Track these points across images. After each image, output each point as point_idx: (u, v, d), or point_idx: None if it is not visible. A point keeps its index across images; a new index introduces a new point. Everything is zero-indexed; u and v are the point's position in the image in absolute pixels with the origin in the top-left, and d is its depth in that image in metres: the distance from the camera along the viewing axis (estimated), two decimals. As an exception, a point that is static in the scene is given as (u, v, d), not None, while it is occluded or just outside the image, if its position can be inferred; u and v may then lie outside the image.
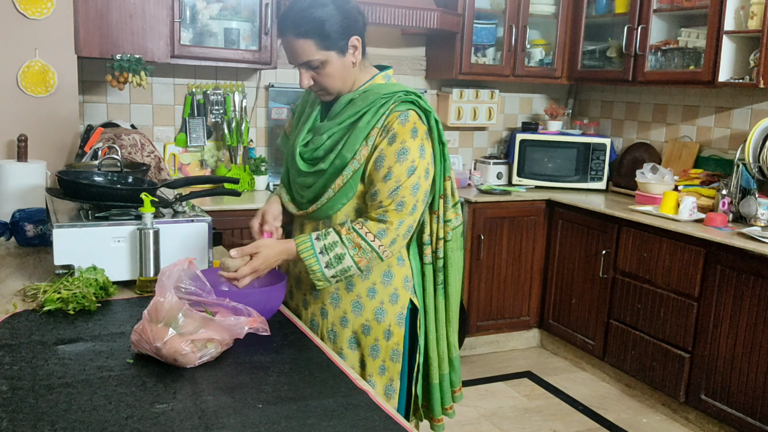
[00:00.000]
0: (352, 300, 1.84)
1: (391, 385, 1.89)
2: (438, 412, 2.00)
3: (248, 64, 3.56)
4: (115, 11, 3.15)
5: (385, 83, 1.81)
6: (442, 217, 1.88)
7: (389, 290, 1.85)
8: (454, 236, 1.91)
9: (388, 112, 1.73)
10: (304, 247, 1.70)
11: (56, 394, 1.27)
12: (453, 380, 2.04)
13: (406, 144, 1.71)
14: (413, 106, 1.76)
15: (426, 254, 1.89)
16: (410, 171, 1.72)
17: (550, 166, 4.31)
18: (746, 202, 3.29)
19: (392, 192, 1.71)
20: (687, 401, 3.30)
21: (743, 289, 3.00)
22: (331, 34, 1.69)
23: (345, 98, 1.78)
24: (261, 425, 1.20)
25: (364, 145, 1.73)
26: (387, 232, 1.72)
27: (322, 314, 1.87)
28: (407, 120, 1.73)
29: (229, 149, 3.84)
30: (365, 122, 1.73)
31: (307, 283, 1.87)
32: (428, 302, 1.93)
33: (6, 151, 2.99)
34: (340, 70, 1.74)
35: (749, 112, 3.69)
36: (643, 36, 3.83)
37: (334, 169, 1.75)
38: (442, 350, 1.98)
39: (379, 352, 1.86)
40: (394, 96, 1.74)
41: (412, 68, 4.33)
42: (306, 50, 1.69)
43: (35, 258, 2.15)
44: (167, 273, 1.45)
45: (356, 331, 1.86)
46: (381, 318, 1.85)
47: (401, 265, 1.87)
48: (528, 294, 4.17)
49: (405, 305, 1.88)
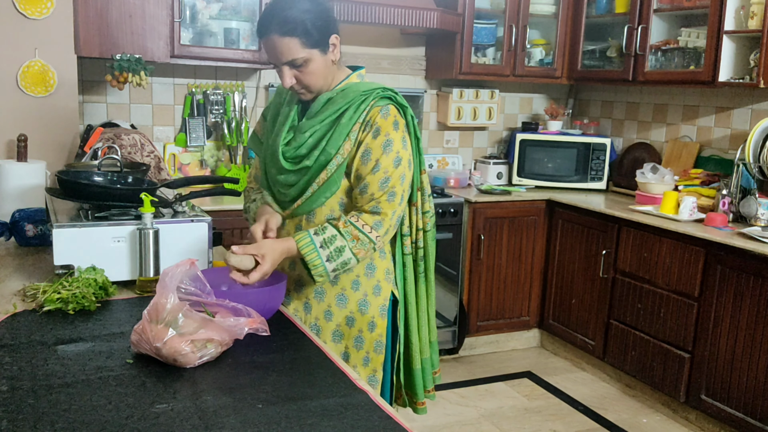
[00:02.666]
0: (336, 293, 1.89)
1: (374, 376, 1.94)
2: (421, 396, 2.06)
3: (248, 64, 3.56)
4: (115, 11, 3.15)
5: (361, 82, 1.86)
6: (420, 209, 1.94)
7: (372, 282, 1.90)
8: (431, 226, 1.99)
9: (369, 108, 1.78)
10: (304, 243, 1.73)
11: (56, 394, 1.27)
12: (433, 361, 2.09)
13: (390, 136, 1.77)
14: (391, 102, 1.81)
15: (406, 245, 1.95)
16: (396, 162, 1.78)
17: (550, 166, 4.30)
18: (746, 202, 3.29)
19: (382, 183, 1.77)
20: (687, 401, 3.30)
21: (743, 289, 3.00)
22: (314, 32, 1.73)
23: (323, 97, 1.82)
24: (261, 425, 1.20)
25: (348, 140, 1.78)
26: (382, 223, 1.78)
27: (305, 308, 1.91)
28: (388, 114, 1.78)
29: (229, 149, 3.84)
30: (347, 118, 1.77)
31: (292, 277, 1.91)
32: (409, 291, 1.98)
33: (6, 151, 2.99)
34: (322, 68, 1.77)
35: (749, 112, 3.69)
36: (643, 36, 3.83)
37: (319, 165, 1.79)
38: (423, 336, 2.04)
39: (363, 344, 1.91)
40: (373, 92, 1.80)
41: (411, 68, 4.33)
42: (291, 49, 1.72)
43: (35, 258, 2.14)
44: (170, 274, 1.45)
45: (340, 323, 1.90)
46: (365, 310, 1.90)
47: (383, 258, 1.92)
48: (528, 294, 4.17)
49: (387, 297, 1.94)
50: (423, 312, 2.02)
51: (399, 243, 1.95)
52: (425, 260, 2.00)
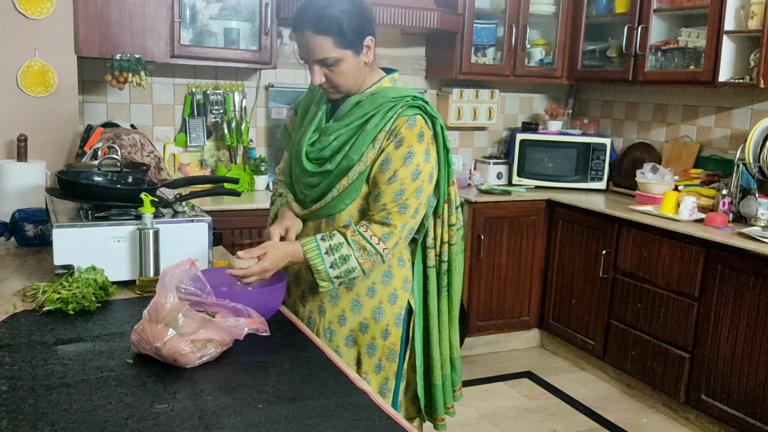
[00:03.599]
0: (351, 299, 1.86)
1: (386, 384, 1.91)
2: (441, 412, 2.03)
3: (248, 64, 3.56)
4: (115, 11, 3.15)
5: (393, 87, 1.82)
6: (446, 222, 1.90)
7: (388, 290, 1.87)
8: (457, 240, 1.94)
9: (396, 117, 1.74)
10: (309, 247, 1.72)
11: (56, 394, 1.27)
12: (454, 380, 2.06)
13: (413, 148, 1.73)
14: (420, 112, 1.77)
15: (430, 257, 1.91)
16: (415, 175, 1.74)
17: (550, 166, 4.30)
18: (746, 202, 3.29)
19: (397, 195, 1.73)
20: (687, 401, 3.30)
21: (743, 289, 3.00)
22: (348, 33, 1.69)
23: (352, 100, 1.79)
24: (261, 425, 1.20)
25: (371, 148, 1.74)
26: (391, 236, 1.74)
27: (319, 312, 1.89)
28: (414, 125, 1.74)
29: (229, 149, 3.84)
30: (373, 125, 1.74)
31: (306, 280, 1.88)
32: (431, 304, 1.94)
33: (6, 151, 2.99)
34: (353, 69, 1.74)
35: (749, 112, 3.69)
36: (644, 36, 3.83)
37: (340, 170, 1.76)
38: (444, 351, 2.00)
39: (376, 351, 1.88)
40: (403, 100, 1.75)
41: (412, 68, 4.33)
42: (323, 47, 1.69)
43: (35, 258, 2.14)
44: (169, 274, 1.45)
45: (354, 329, 1.87)
46: (379, 317, 1.86)
47: (401, 267, 1.89)
48: (528, 294, 4.17)
49: (403, 306, 1.90)
50: (444, 327, 1.98)
51: (420, 254, 1.91)
52: (449, 275, 1.94)
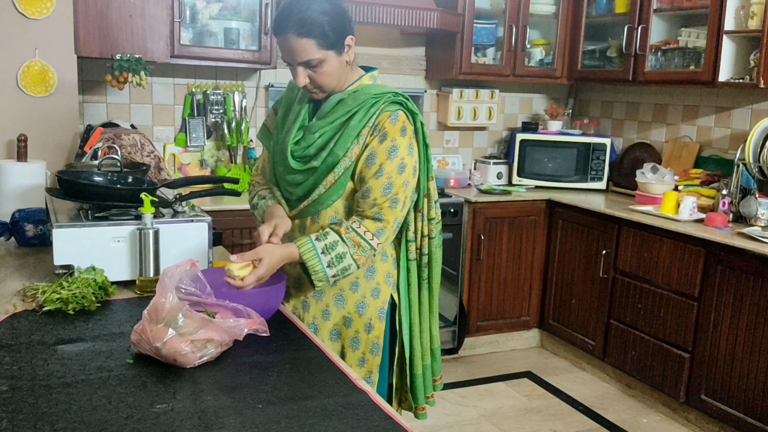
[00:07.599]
0: (335, 293, 1.90)
1: (370, 377, 1.94)
2: (421, 401, 2.06)
3: (248, 64, 3.56)
4: (115, 11, 3.15)
5: (374, 84, 1.85)
6: (426, 216, 1.94)
7: (371, 285, 1.90)
8: (436, 233, 1.98)
9: (378, 112, 1.77)
10: (305, 248, 1.73)
11: (56, 394, 1.27)
12: (434, 369, 2.10)
13: (396, 142, 1.77)
14: (402, 107, 1.81)
15: (411, 251, 1.95)
16: (401, 168, 1.77)
17: (550, 166, 4.30)
18: (746, 202, 3.29)
19: (385, 189, 1.76)
20: (687, 401, 3.30)
21: (743, 289, 3.00)
22: (331, 34, 1.72)
23: (334, 98, 1.82)
24: (261, 425, 1.20)
25: (356, 144, 1.77)
26: (384, 231, 1.78)
27: (303, 307, 1.92)
28: (397, 119, 1.77)
29: (229, 149, 3.84)
30: (357, 121, 1.77)
31: (290, 276, 1.91)
32: (412, 297, 1.98)
33: (6, 151, 2.99)
34: (336, 69, 1.77)
35: (749, 112, 3.69)
36: (643, 36, 3.83)
37: (326, 167, 1.79)
38: (425, 342, 2.04)
39: (359, 344, 1.92)
40: (384, 96, 1.79)
41: (411, 68, 4.33)
42: (307, 49, 1.71)
43: (35, 258, 2.14)
44: (169, 274, 1.45)
45: (337, 323, 1.91)
46: (362, 311, 1.90)
47: (384, 261, 1.92)
48: (528, 294, 4.17)
49: (386, 300, 1.94)
50: (425, 318, 2.02)
51: (404, 248, 1.95)
52: (429, 267, 1.99)
